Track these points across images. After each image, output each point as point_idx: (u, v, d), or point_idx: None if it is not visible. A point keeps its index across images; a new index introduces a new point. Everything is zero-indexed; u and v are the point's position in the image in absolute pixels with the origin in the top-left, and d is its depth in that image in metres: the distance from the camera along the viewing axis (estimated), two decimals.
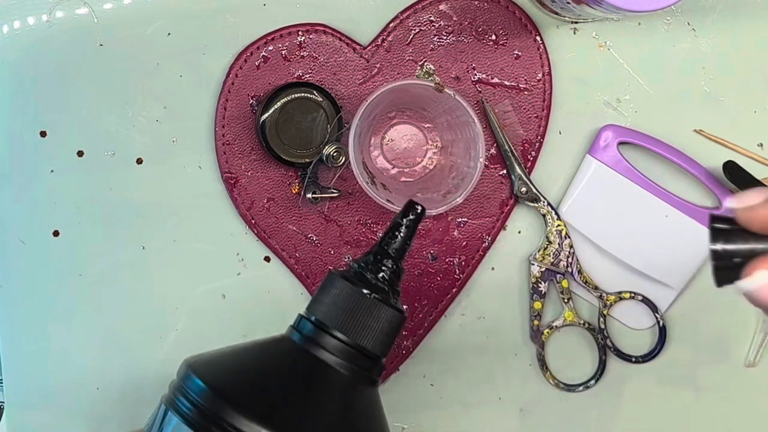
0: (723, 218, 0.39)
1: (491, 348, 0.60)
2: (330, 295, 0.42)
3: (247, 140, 0.57)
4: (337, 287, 0.42)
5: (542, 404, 0.60)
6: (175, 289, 0.59)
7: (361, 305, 0.41)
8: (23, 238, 0.58)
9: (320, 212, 0.58)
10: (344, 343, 0.41)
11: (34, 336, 0.59)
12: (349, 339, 0.41)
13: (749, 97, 0.59)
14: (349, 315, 0.41)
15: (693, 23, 0.58)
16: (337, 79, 0.57)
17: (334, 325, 0.41)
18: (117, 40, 0.57)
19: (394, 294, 0.42)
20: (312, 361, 0.41)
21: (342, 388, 0.41)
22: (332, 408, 0.40)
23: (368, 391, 0.42)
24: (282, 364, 0.41)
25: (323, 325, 0.41)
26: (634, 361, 0.59)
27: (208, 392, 0.39)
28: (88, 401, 0.59)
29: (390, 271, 0.42)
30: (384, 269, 0.42)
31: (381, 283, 0.42)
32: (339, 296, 0.41)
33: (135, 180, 0.58)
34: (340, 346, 0.41)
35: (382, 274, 0.42)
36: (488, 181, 0.58)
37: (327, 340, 0.41)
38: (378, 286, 0.42)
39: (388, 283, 0.42)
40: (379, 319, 0.41)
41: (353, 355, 0.41)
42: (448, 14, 0.57)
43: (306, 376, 0.41)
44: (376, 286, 0.42)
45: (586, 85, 0.58)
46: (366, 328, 0.41)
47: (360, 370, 0.41)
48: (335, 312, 0.41)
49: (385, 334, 0.42)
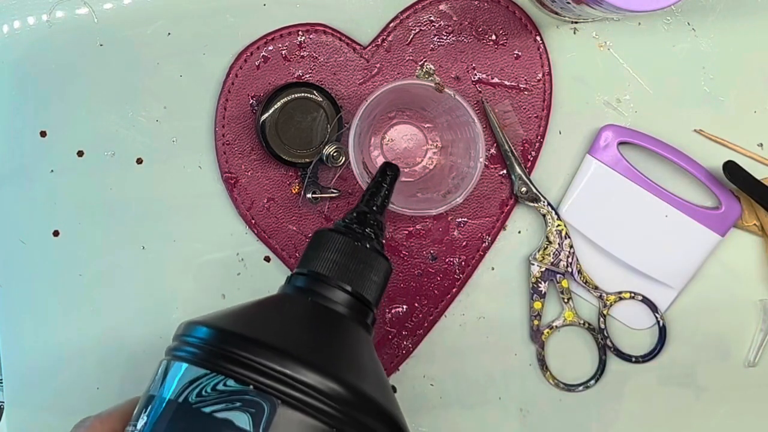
0: None
1: (491, 348, 0.60)
2: (325, 249, 0.43)
3: (247, 140, 0.57)
4: (333, 240, 0.43)
5: (542, 404, 0.60)
6: (175, 289, 0.59)
7: (356, 254, 0.43)
8: (23, 238, 0.58)
9: (320, 212, 0.58)
10: (345, 291, 0.42)
11: (34, 336, 0.59)
12: (348, 287, 0.42)
13: (749, 97, 0.59)
14: (346, 263, 0.42)
15: (693, 23, 0.58)
16: (337, 79, 0.57)
17: (332, 274, 0.42)
18: (117, 40, 0.57)
19: (380, 246, 0.44)
20: (313, 305, 0.41)
21: (343, 325, 0.41)
22: (337, 340, 0.40)
23: (367, 337, 0.42)
24: (283, 309, 0.42)
25: (319, 275, 0.42)
26: (634, 361, 0.59)
27: (213, 331, 0.39)
28: (88, 401, 0.59)
29: (376, 225, 0.45)
30: (371, 224, 0.44)
31: (371, 237, 0.44)
32: (335, 248, 0.43)
33: (135, 180, 0.58)
34: (340, 293, 0.42)
35: (369, 228, 0.44)
36: (488, 181, 0.58)
37: (324, 288, 0.42)
38: (369, 237, 0.44)
39: (375, 235, 0.44)
40: (372, 267, 0.43)
41: (352, 302, 0.42)
42: (448, 14, 0.57)
43: (308, 316, 0.41)
44: (367, 237, 0.44)
45: (586, 85, 0.58)
46: (361, 276, 0.43)
47: (358, 315, 0.42)
48: (331, 262, 0.42)
49: (379, 283, 0.43)
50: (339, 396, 0.37)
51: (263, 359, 0.37)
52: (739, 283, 0.60)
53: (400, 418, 0.41)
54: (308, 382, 0.37)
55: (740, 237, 0.59)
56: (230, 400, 0.37)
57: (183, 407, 0.38)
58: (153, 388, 0.40)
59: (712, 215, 0.58)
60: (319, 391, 0.37)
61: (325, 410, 0.37)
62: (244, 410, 0.36)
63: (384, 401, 0.40)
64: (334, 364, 0.39)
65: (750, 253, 0.60)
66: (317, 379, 0.37)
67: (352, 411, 0.38)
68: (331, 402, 0.37)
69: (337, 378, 0.38)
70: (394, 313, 0.58)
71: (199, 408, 0.37)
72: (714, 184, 0.58)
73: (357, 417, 0.38)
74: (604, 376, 0.59)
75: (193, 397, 0.37)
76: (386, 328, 0.58)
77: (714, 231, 0.58)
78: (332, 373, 0.38)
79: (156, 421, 0.38)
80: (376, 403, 0.39)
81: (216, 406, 0.37)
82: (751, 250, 0.60)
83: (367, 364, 0.41)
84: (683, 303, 0.59)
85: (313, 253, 0.43)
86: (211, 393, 0.37)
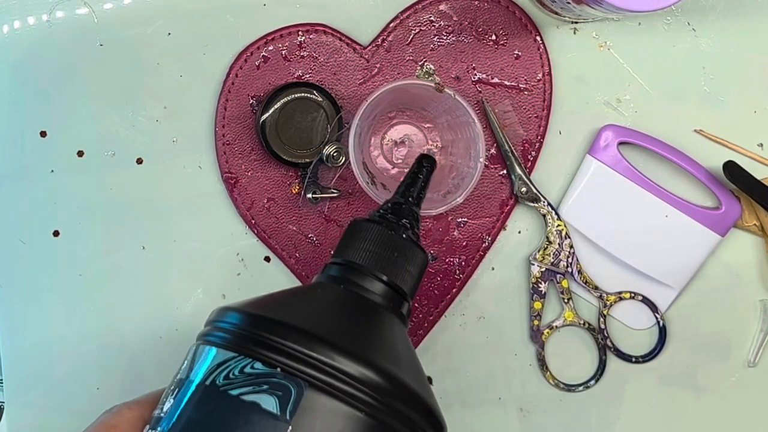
0: None
1: (491, 348, 0.60)
2: (359, 239, 0.42)
3: (247, 140, 0.57)
4: (368, 230, 0.43)
5: (542, 404, 0.60)
6: (175, 289, 0.59)
7: (391, 243, 0.42)
8: (23, 238, 0.58)
9: (320, 212, 0.58)
10: (379, 280, 0.41)
11: (34, 336, 0.59)
12: (383, 276, 0.41)
13: (749, 97, 0.59)
14: (381, 252, 0.42)
15: (693, 23, 0.58)
16: (337, 79, 0.57)
17: (367, 263, 0.42)
18: (117, 40, 0.57)
19: (416, 237, 0.44)
20: (347, 293, 0.41)
21: (377, 314, 0.41)
22: (370, 328, 0.40)
23: (401, 327, 0.42)
24: (315, 297, 0.41)
25: (353, 264, 0.42)
26: (634, 361, 0.59)
27: (242, 316, 0.38)
28: (88, 401, 0.59)
29: (411, 216, 0.44)
30: (406, 214, 0.44)
31: (406, 227, 0.43)
32: (370, 237, 0.42)
33: (135, 180, 0.58)
34: (375, 282, 0.41)
35: (405, 219, 0.44)
36: (488, 181, 0.58)
37: (358, 276, 0.41)
38: (404, 227, 0.43)
39: (411, 226, 0.44)
40: (407, 258, 0.42)
41: (386, 291, 0.41)
42: (448, 14, 0.57)
43: (341, 303, 0.41)
44: (402, 227, 0.43)
45: (586, 85, 0.58)
46: (396, 265, 0.42)
47: (393, 305, 0.41)
48: (366, 251, 0.42)
49: (414, 274, 0.43)
50: (372, 382, 0.37)
51: (291, 342, 0.36)
52: (739, 283, 0.60)
53: (437, 408, 0.40)
54: (338, 366, 0.36)
55: (740, 237, 0.59)
56: (257, 383, 0.36)
57: (210, 390, 0.37)
58: (182, 372, 0.39)
59: (712, 215, 0.58)
60: (352, 376, 0.36)
61: (357, 396, 0.36)
62: (271, 393, 0.36)
63: (420, 390, 0.39)
64: (367, 349, 0.38)
65: (750, 253, 0.60)
66: (348, 363, 0.36)
67: (386, 397, 0.37)
68: (364, 388, 0.36)
69: (371, 363, 0.37)
70: None
71: (227, 390, 0.37)
72: (714, 184, 0.58)
73: (392, 404, 0.37)
74: (604, 376, 0.59)
75: (221, 380, 0.37)
76: None
77: (714, 231, 0.58)
78: (365, 359, 0.37)
79: (183, 403, 0.38)
80: (412, 391, 0.38)
81: (243, 388, 0.36)
82: (751, 250, 0.60)
83: (402, 353, 0.40)
84: (683, 303, 0.60)
85: (347, 242, 0.43)
86: (239, 376, 0.37)
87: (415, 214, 0.44)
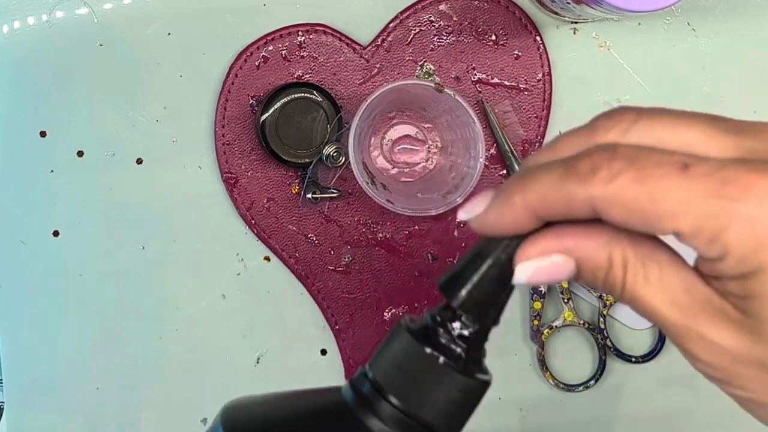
0: None
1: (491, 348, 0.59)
2: (391, 350, 0.33)
3: (247, 140, 0.57)
4: (399, 341, 0.33)
5: (542, 404, 0.60)
6: (174, 289, 0.59)
7: (420, 367, 0.33)
8: (23, 238, 0.58)
9: (320, 212, 0.58)
10: (400, 411, 0.32)
11: (34, 336, 0.59)
12: (404, 406, 0.32)
13: (749, 97, 0.59)
14: (405, 377, 0.33)
15: (693, 23, 0.58)
16: (337, 79, 0.57)
17: (391, 389, 0.33)
18: (117, 40, 0.57)
19: (473, 358, 0.34)
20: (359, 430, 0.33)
21: None
22: None
23: None
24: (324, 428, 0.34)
25: (379, 386, 0.33)
26: (634, 361, 0.59)
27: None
28: (88, 401, 0.59)
29: (470, 330, 0.34)
30: (461, 326, 0.34)
31: (454, 343, 0.33)
32: (398, 353, 0.33)
33: (135, 180, 0.58)
34: (395, 413, 0.32)
35: (459, 332, 0.34)
36: (488, 181, 0.58)
37: (381, 405, 0.33)
38: (448, 347, 0.33)
39: (465, 344, 0.34)
40: (444, 387, 0.33)
41: (408, 425, 0.33)
42: (448, 14, 0.57)
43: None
44: (445, 347, 0.33)
45: (586, 85, 0.58)
46: (427, 396, 0.33)
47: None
48: (392, 372, 0.33)
49: (454, 405, 0.34)
50: None
51: None
52: None
53: None
54: None
55: None
56: None
57: None
58: None
59: None
60: None
61: None
62: None
63: None
64: None
65: None
66: None
67: None
68: None
69: None
70: (393, 313, 0.58)
71: None
72: None
73: None
74: (604, 376, 0.59)
75: None
76: (386, 329, 0.58)
77: None
78: None
79: None
80: None
81: None
82: None
83: None
84: None
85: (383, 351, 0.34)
86: None
87: (479, 330, 0.35)
